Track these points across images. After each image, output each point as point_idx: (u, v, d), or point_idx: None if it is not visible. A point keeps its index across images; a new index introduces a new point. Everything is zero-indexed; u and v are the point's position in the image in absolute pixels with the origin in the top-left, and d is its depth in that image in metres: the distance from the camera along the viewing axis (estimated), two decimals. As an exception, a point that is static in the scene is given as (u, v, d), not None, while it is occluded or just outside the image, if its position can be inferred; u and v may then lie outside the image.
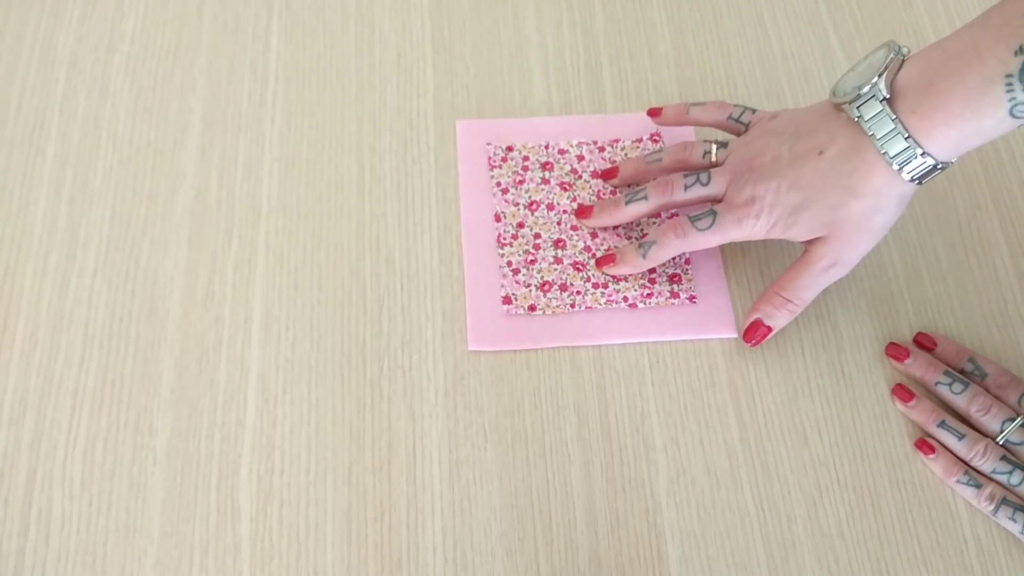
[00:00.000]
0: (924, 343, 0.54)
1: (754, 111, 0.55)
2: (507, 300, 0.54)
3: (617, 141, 0.60)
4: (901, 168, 0.46)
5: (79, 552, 0.47)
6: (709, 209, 0.51)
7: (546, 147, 0.59)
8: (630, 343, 0.54)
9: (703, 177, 0.52)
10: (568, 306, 0.54)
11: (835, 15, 0.65)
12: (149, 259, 0.55)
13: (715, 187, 0.52)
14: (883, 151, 0.46)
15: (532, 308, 0.54)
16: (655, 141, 0.60)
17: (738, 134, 0.55)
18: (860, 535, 0.49)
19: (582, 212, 0.57)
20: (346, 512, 0.49)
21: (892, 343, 0.54)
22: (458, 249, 0.56)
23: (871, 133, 0.46)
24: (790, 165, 0.49)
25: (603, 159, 0.59)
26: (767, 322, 0.52)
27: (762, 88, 0.62)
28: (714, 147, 0.54)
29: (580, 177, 0.58)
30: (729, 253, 0.57)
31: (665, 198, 0.53)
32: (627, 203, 0.54)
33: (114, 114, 0.60)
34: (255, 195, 0.57)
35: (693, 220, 0.51)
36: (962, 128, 0.44)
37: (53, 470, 0.49)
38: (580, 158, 0.59)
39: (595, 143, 0.59)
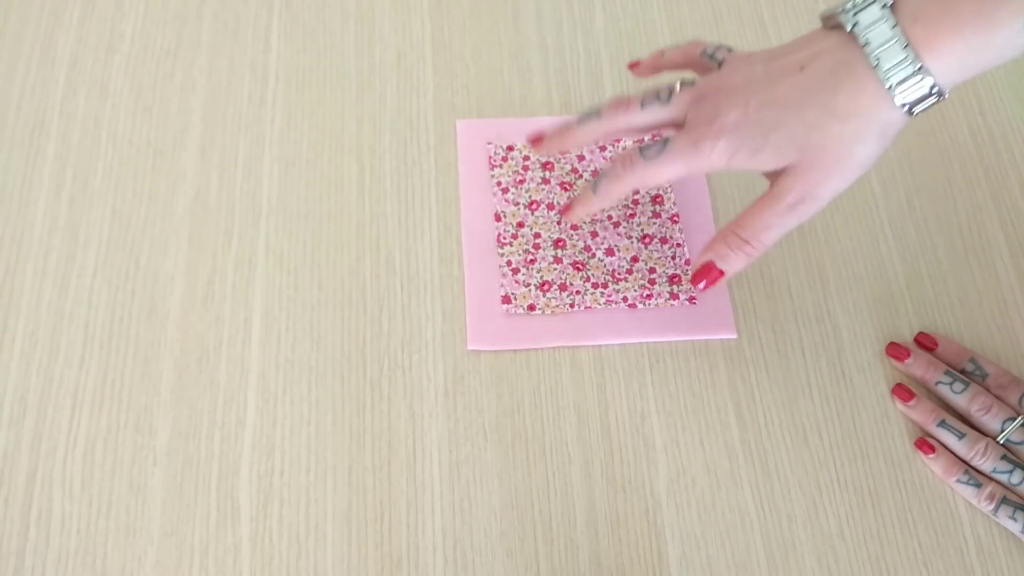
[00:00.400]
0: (925, 343, 0.54)
1: (730, 49, 0.49)
2: (507, 299, 0.54)
3: (618, 141, 0.60)
4: (893, 87, 0.41)
5: (79, 552, 0.47)
6: (660, 139, 0.46)
7: (546, 147, 0.59)
8: (630, 343, 0.54)
9: (663, 94, 0.47)
10: (567, 306, 0.54)
11: (835, 15, 0.65)
12: (149, 259, 0.55)
13: (675, 106, 0.47)
14: (875, 63, 0.41)
15: (532, 308, 0.54)
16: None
17: None
18: (860, 535, 0.49)
19: (532, 139, 0.52)
20: (346, 512, 0.49)
21: (893, 343, 0.54)
22: (458, 249, 0.56)
23: (864, 42, 0.41)
24: (763, 82, 0.44)
25: (604, 159, 0.59)
26: (720, 264, 0.46)
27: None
28: (679, 84, 0.48)
29: (580, 177, 0.58)
30: (729, 253, 0.57)
31: (619, 116, 0.48)
32: (577, 124, 0.49)
33: (114, 114, 0.60)
34: (255, 195, 0.57)
35: (642, 150, 0.46)
36: (970, 40, 0.40)
37: (53, 470, 0.49)
38: (580, 158, 0.59)
39: (595, 143, 0.59)
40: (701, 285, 0.47)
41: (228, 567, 0.47)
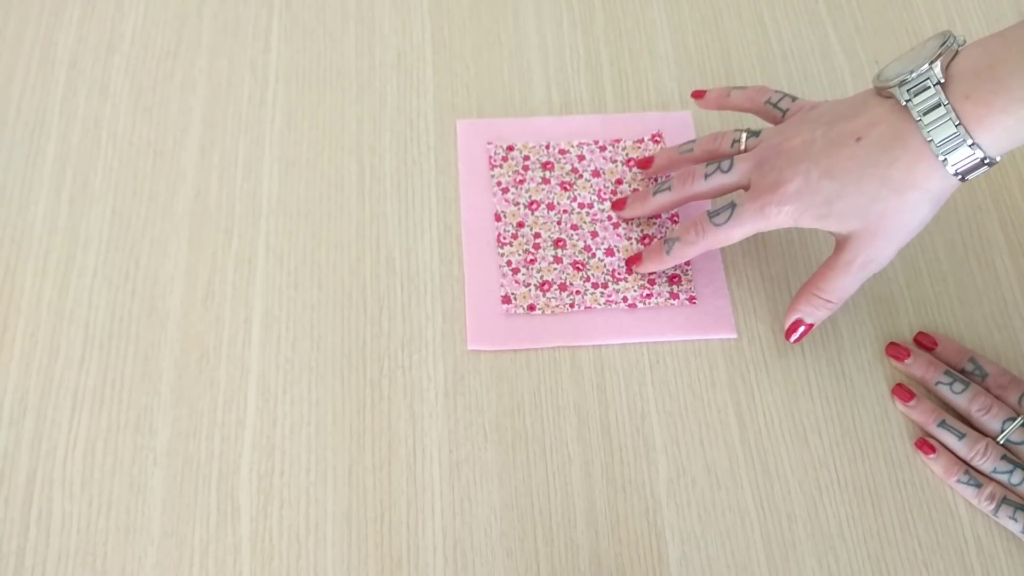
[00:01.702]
0: (924, 343, 0.54)
1: (795, 99, 0.52)
2: (507, 299, 0.54)
3: (618, 141, 0.60)
4: (946, 159, 0.43)
5: (79, 552, 0.47)
6: (729, 202, 0.49)
7: (547, 147, 0.59)
8: (630, 343, 0.54)
9: (724, 164, 0.51)
10: (567, 306, 0.54)
11: (835, 15, 0.65)
12: (149, 259, 0.55)
13: (736, 174, 0.50)
14: (929, 139, 0.43)
15: (531, 308, 0.54)
16: (656, 142, 0.60)
17: (775, 122, 0.53)
18: (860, 535, 0.49)
19: (618, 205, 0.56)
20: (346, 512, 0.49)
21: (892, 343, 0.54)
22: (458, 249, 0.56)
23: (919, 119, 0.43)
24: (822, 151, 0.46)
25: (604, 158, 0.59)
26: (808, 320, 0.51)
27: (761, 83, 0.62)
28: (744, 136, 0.52)
29: (581, 176, 0.58)
30: (729, 253, 0.57)
31: (687, 188, 0.52)
32: (653, 194, 0.54)
33: (114, 114, 0.60)
34: (255, 195, 0.57)
35: (711, 215, 0.50)
36: (1020, 114, 0.42)
37: (53, 470, 0.49)
38: (581, 158, 0.59)
39: (596, 143, 0.59)
40: (794, 339, 0.52)
41: (228, 567, 0.47)
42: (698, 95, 0.57)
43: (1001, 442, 0.50)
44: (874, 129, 0.45)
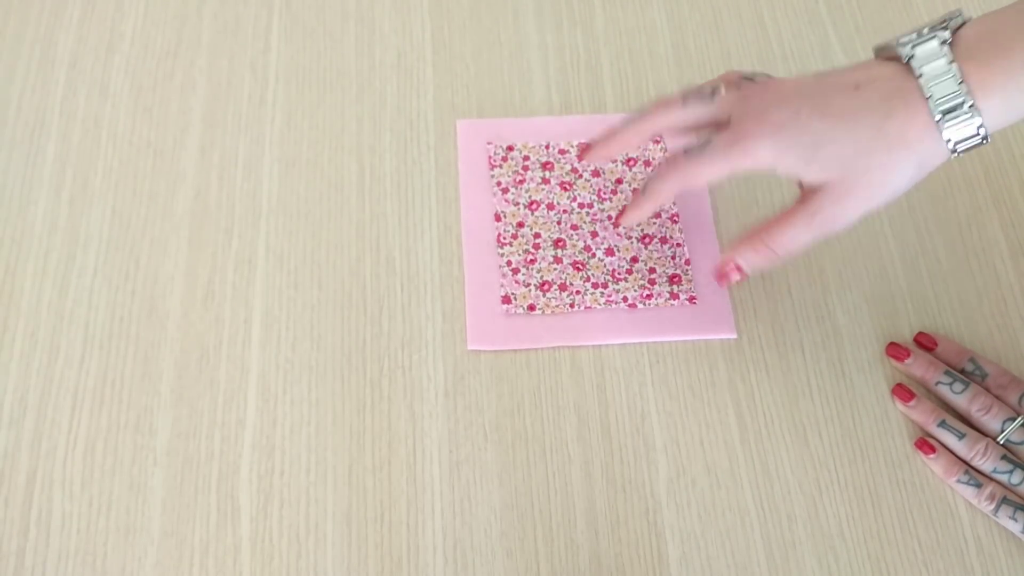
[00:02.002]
0: (924, 343, 0.54)
1: (769, 76, 0.49)
2: (507, 299, 0.54)
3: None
4: (943, 120, 0.42)
5: (79, 552, 0.47)
6: (708, 136, 0.46)
7: (547, 147, 0.59)
8: (630, 343, 0.54)
9: (706, 90, 0.47)
10: (567, 306, 0.54)
11: (835, 15, 0.65)
12: (149, 259, 0.55)
13: (719, 104, 0.47)
14: (929, 94, 0.42)
15: (532, 308, 0.54)
16: (656, 142, 0.60)
17: None
18: (860, 535, 0.49)
19: (583, 149, 0.53)
20: (346, 512, 0.49)
21: (893, 343, 0.54)
22: (458, 249, 0.56)
23: (919, 73, 0.42)
24: (817, 91, 0.44)
25: (603, 159, 0.59)
26: (745, 268, 0.48)
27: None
28: (723, 86, 0.48)
29: (580, 176, 0.58)
30: (729, 253, 0.57)
31: (661, 113, 0.49)
32: (622, 126, 0.50)
33: (114, 114, 0.60)
34: (255, 195, 0.57)
35: (686, 150, 0.46)
36: (1020, 79, 0.41)
37: (53, 470, 0.49)
38: (580, 158, 0.59)
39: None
40: (724, 284, 0.48)
41: (228, 567, 0.47)
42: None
43: (1001, 442, 0.50)
44: (874, 82, 0.43)
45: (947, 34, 0.42)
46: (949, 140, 0.42)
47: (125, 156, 0.58)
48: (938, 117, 0.42)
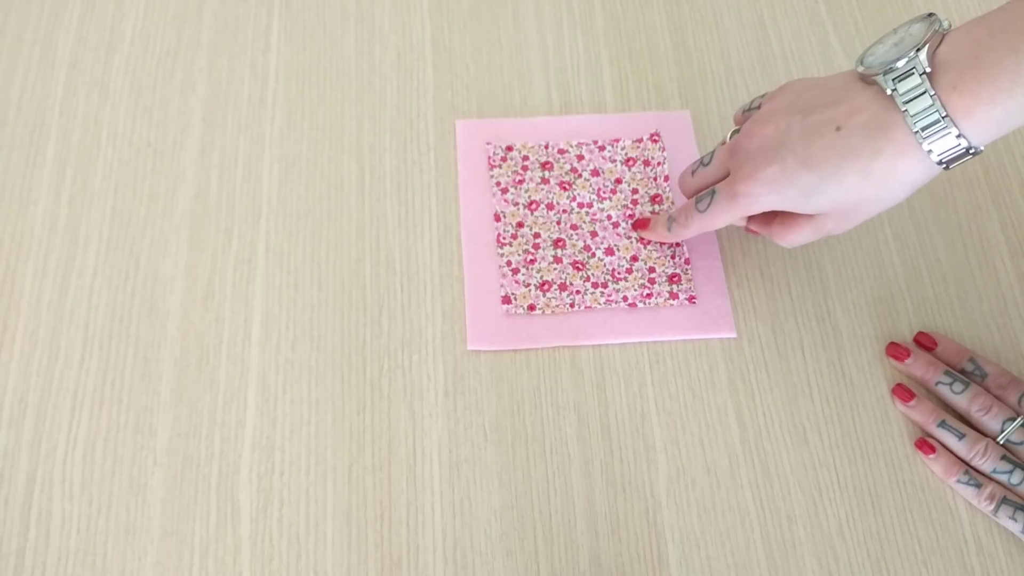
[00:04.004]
0: (924, 343, 0.54)
1: (764, 95, 0.52)
2: (507, 300, 0.54)
3: (617, 140, 0.60)
4: (931, 149, 0.42)
5: (79, 552, 0.47)
6: (711, 189, 0.50)
7: (546, 147, 0.59)
8: (630, 343, 0.54)
9: (705, 158, 0.51)
10: (567, 306, 0.54)
11: (835, 15, 0.65)
12: (149, 259, 0.55)
13: (714, 167, 0.50)
14: (915, 130, 0.42)
15: (532, 308, 0.54)
16: (655, 141, 0.60)
17: None
18: (860, 535, 0.49)
19: (639, 224, 0.57)
20: (346, 512, 0.49)
21: (893, 343, 0.54)
22: (458, 249, 0.56)
23: (904, 109, 0.42)
24: (800, 139, 0.45)
25: (603, 158, 0.59)
26: (755, 230, 0.52)
27: (762, 88, 0.62)
28: (730, 134, 0.51)
29: (580, 176, 0.58)
30: (729, 253, 0.57)
31: (681, 189, 0.53)
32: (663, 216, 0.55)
33: (114, 114, 0.60)
34: (255, 195, 0.57)
35: (696, 201, 0.51)
36: (1007, 105, 0.41)
37: (53, 470, 0.49)
38: (580, 157, 0.59)
39: (595, 142, 0.59)
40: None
41: (228, 567, 0.47)
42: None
43: (1001, 442, 0.50)
44: (856, 118, 0.44)
45: (925, 62, 0.42)
46: (941, 163, 0.43)
47: (125, 156, 0.58)
48: (928, 149, 0.42)
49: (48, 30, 0.62)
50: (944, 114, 0.41)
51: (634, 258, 0.56)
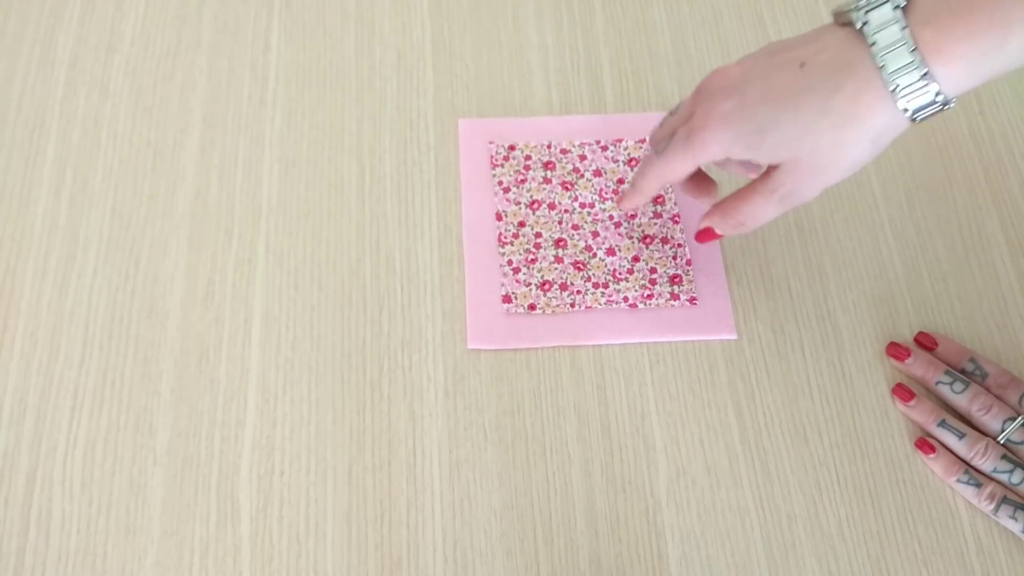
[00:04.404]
0: (925, 343, 0.54)
1: None
2: (507, 299, 0.54)
3: (620, 140, 0.60)
4: (897, 91, 0.40)
5: (79, 552, 0.47)
6: (670, 132, 0.47)
7: (548, 146, 0.59)
8: (630, 343, 0.54)
9: (675, 107, 0.49)
10: (568, 305, 0.54)
11: (835, 15, 0.65)
12: (149, 259, 0.55)
13: (680, 113, 0.48)
14: (881, 64, 0.40)
15: (532, 307, 0.54)
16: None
17: None
18: (860, 535, 0.49)
19: (619, 200, 0.54)
20: (346, 512, 0.49)
21: (893, 343, 0.54)
22: (458, 249, 0.56)
23: (872, 42, 0.40)
24: (761, 75, 0.43)
25: (606, 158, 0.59)
26: (718, 231, 0.49)
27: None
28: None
29: (582, 176, 0.58)
30: (729, 254, 0.57)
31: (650, 142, 0.50)
32: (640, 168, 0.52)
33: (114, 114, 0.60)
34: (255, 195, 0.57)
35: (654, 145, 0.49)
36: (982, 45, 0.39)
37: (53, 470, 0.49)
38: (582, 157, 0.59)
39: (598, 142, 0.59)
40: (704, 243, 0.52)
41: (228, 567, 0.47)
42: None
43: (1001, 442, 0.50)
44: (821, 55, 0.42)
45: None
46: (906, 110, 0.41)
47: (125, 156, 0.58)
48: (892, 87, 0.40)
49: (48, 30, 0.62)
50: (913, 47, 0.39)
51: (635, 259, 0.56)
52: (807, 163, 0.43)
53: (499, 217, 0.57)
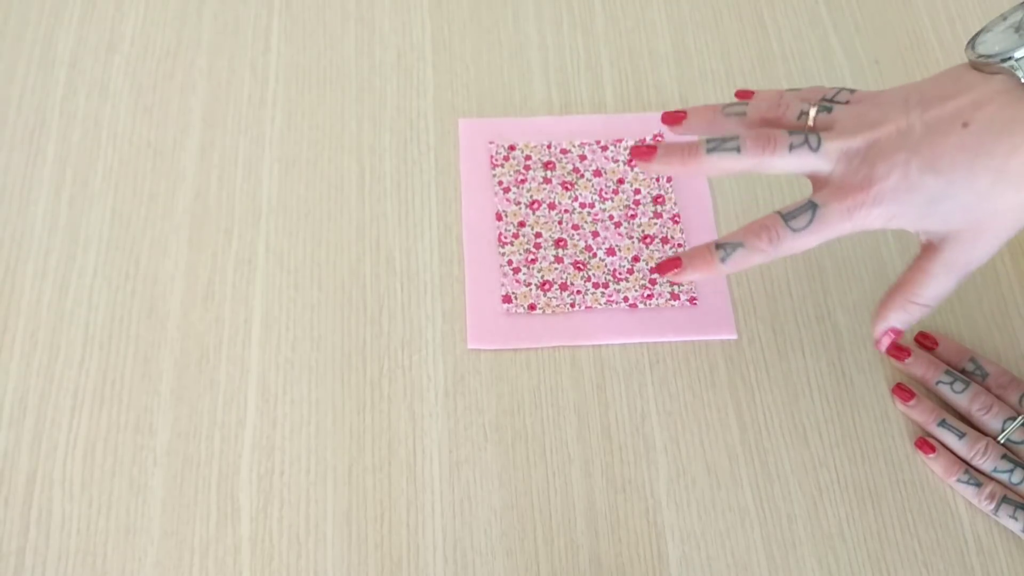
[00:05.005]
0: (925, 343, 0.54)
1: (852, 91, 0.44)
2: (507, 299, 0.54)
3: (620, 140, 0.59)
4: None
5: (79, 552, 0.47)
6: (807, 202, 0.42)
7: (548, 146, 0.59)
8: (630, 343, 0.54)
9: (812, 140, 0.42)
10: (568, 305, 0.54)
11: (835, 15, 0.65)
12: (149, 259, 0.55)
13: (825, 157, 0.42)
14: None
15: (532, 307, 0.54)
16: (658, 142, 0.60)
17: None
18: (860, 535, 0.49)
19: (640, 153, 0.45)
20: (346, 512, 0.49)
21: (893, 342, 0.54)
22: (458, 249, 0.56)
23: None
24: (923, 139, 0.39)
25: (606, 158, 0.59)
26: (900, 327, 0.45)
27: (762, 88, 0.62)
28: (812, 109, 0.43)
29: (582, 176, 0.58)
30: (729, 253, 0.57)
31: (763, 156, 0.42)
32: (709, 151, 0.43)
33: (114, 114, 0.60)
34: (255, 195, 0.57)
35: (787, 218, 0.42)
36: None
37: (53, 470, 0.49)
38: (582, 157, 0.59)
39: (598, 142, 0.59)
40: (885, 348, 0.46)
41: (228, 567, 0.47)
42: (744, 95, 0.47)
43: (1001, 441, 0.50)
44: (982, 111, 0.39)
45: None
46: None
47: (125, 156, 0.58)
48: None
49: (48, 30, 0.62)
50: None
51: (635, 259, 0.56)
52: (983, 228, 0.41)
53: (499, 217, 0.57)
